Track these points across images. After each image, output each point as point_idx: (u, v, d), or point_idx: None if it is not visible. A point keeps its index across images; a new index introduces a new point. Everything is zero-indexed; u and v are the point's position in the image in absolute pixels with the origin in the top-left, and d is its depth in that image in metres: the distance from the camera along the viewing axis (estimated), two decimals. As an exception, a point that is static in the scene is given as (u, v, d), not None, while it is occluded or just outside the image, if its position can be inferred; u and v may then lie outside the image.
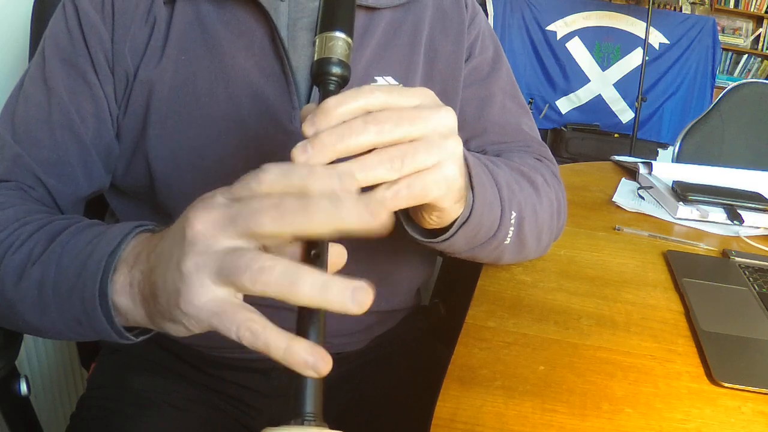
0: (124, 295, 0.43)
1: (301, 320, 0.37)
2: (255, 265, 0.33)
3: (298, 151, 0.38)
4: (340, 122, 0.39)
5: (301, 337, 0.34)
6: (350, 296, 0.33)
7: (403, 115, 0.40)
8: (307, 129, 0.39)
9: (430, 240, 0.53)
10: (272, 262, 0.33)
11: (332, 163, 0.38)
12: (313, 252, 0.38)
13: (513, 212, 0.57)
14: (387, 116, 0.39)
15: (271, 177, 0.35)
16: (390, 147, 0.39)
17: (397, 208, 0.41)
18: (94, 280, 0.43)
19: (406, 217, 0.53)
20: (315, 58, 0.45)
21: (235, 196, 0.36)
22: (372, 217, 0.34)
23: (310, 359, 0.33)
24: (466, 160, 0.49)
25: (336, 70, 0.44)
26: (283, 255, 0.38)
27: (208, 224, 0.35)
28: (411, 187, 0.41)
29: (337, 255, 0.39)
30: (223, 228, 0.35)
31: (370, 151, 0.40)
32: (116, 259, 0.43)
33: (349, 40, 0.45)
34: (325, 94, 0.43)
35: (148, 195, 0.63)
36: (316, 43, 0.45)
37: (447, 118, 0.42)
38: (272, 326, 0.34)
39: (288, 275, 0.33)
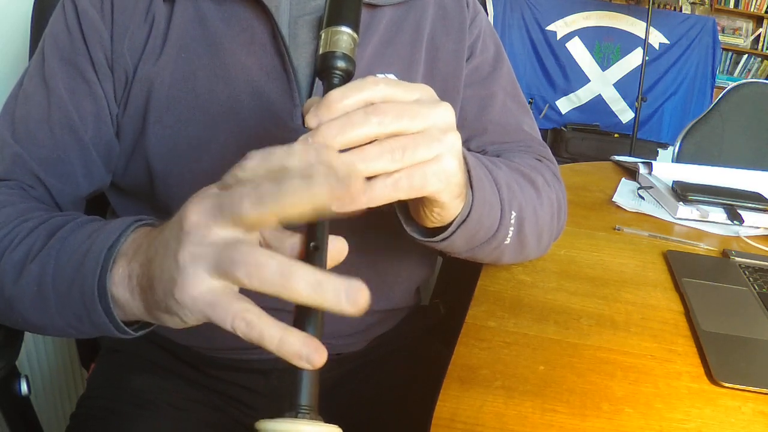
0: (122, 287, 0.43)
1: (299, 317, 0.37)
2: (251, 260, 0.34)
3: None
4: (342, 114, 0.39)
5: (296, 329, 0.35)
6: (345, 295, 0.33)
7: (405, 108, 0.40)
8: (311, 120, 0.40)
9: (429, 239, 0.53)
10: (267, 258, 0.34)
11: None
12: (312, 244, 0.38)
13: (513, 212, 0.57)
14: (388, 108, 0.40)
15: (253, 163, 0.36)
16: (391, 139, 0.40)
17: (395, 199, 0.41)
18: (93, 273, 0.43)
19: (406, 216, 0.53)
20: (320, 52, 0.45)
21: (224, 184, 0.37)
22: (345, 190, 0.33)
23: (304, 350, 0.34)
24: (465, 158, 0.49)
25: (340, 64, 0.44)
26: (283, 248, 0.38)
27: (201, 214, 0.36)
28: (411, 177, 0.41)
29: (338, 250, 0.39)
30: (214, 216, 0.35)
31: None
32: (115, 253, 0.43)
33: (355, 35, 0.46)
34: (329, 88, 0.44)
35: (148, 193, 0.63)
36: (322, 37, 0.45)
37: (446, 114, 0.42)
38: (267, 317, 0.34)
39: (283, 271, 0.33)
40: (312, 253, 0.38)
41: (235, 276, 0.34)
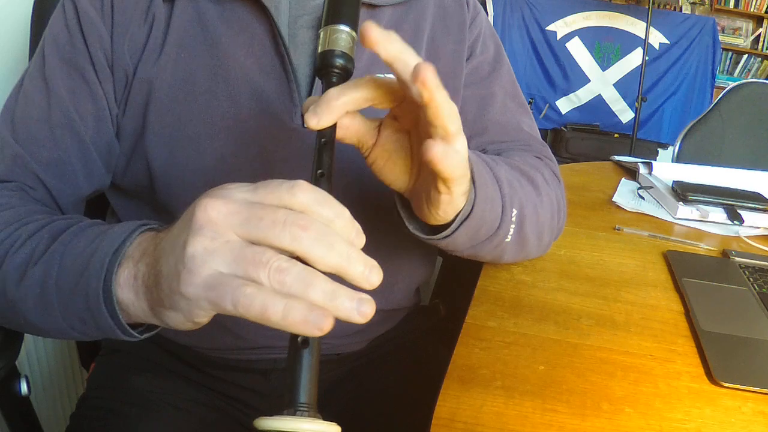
0: (127, 288, 0.43)
1: None
2: (274, 264, 0.34)
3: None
4: (342, 113, 0.40)
5: (299, 298, 0.35)
6: (356, 307, 0.35)
7: None
8: (310, 120, 0.40)
9: (431, 237, 0.53)
10: (289, 265, 0.35)
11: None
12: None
13: (514, 209, 0.57)
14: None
15: (305, 198, 0.36)
16: None
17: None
18: (98, 276, 0.43)
19: (408, 214, 0.53)
20: (319, 51, 0.45)
21: (257, 198, 0.36)
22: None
23: (311, 317, 0.34)
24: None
25: (339, 62, 0.45)
26: None
27: (222, 214, 0.36)
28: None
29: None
30: (238, 225, 0.36)
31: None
32: (120, 256, 0.43)
33: (354, 33, 0.46)
34: (327, 86, 0.44)
35: (148, 194, 0.63)
36: (321, 36, 0.46)
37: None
38: (267, 288, 0.34)
39: (303, 279, 0.34)
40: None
41: (257, 276, 0.34)
